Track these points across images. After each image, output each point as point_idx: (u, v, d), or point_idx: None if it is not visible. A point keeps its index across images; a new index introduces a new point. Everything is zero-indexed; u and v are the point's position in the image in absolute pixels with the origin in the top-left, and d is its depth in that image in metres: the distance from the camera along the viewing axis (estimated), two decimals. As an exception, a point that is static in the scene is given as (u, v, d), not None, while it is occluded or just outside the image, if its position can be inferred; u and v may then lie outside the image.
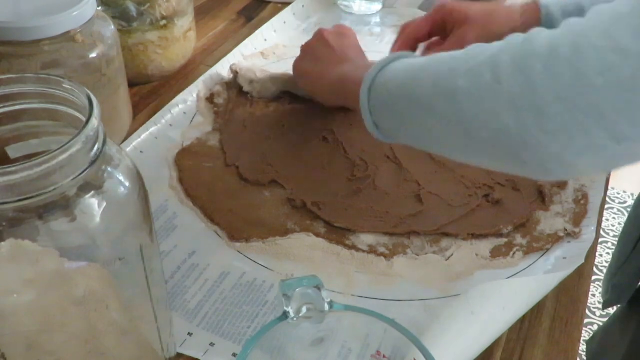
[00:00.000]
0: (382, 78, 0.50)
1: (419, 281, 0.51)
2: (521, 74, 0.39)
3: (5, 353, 0.33)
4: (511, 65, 0.39)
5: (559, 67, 0.37)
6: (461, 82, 0.42)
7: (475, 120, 0.42)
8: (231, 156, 0.63)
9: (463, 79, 0.42)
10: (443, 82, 0.44)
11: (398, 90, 0.48)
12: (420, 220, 0.56)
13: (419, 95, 0.46)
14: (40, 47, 0.52)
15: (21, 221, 0.29)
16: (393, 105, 0.49)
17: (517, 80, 0.39)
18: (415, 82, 0.47)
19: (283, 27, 0.86)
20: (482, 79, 0.41)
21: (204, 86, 0.72)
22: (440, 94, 0.44)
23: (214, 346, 0.45)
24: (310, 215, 0.57)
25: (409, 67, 0.48)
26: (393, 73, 0.50)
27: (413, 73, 0.47)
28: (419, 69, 0.47)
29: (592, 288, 1.63)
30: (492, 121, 0.41)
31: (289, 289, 0.35)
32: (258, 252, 0.53)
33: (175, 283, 0.50)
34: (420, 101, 0.46)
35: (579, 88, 0.36)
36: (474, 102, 0.42)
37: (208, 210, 0.56)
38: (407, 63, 0.49)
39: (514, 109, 0.39)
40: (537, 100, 0.38)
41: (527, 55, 0.39)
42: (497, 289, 0.46)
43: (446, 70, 0.44)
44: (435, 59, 0.47)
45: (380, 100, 0.50)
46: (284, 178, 0.60)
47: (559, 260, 0.53)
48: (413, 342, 0.34)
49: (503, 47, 0.41)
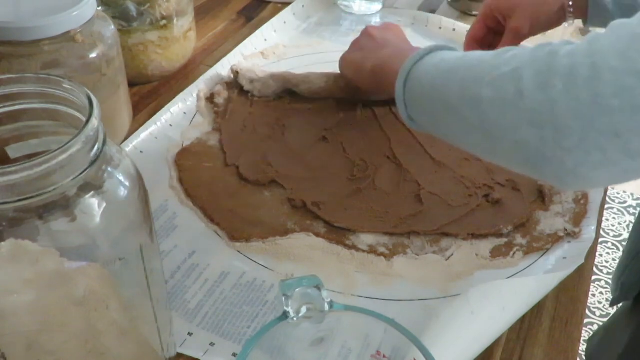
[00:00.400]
0: (416, 72, 0.52)
1: (419, 281, 0.51)
2: (542, 92, 0.40)
3: (5, 353, 0.33)
4: (533, 81, 0.41)
5: (577, 88, 0.39)
6: (485, 91, 0.44)
7: (497, 130, 0.44)
8: (231, 156, 0.63)
9: (487, 88, 0.44)
10: (469, 89, 0.45)
11: (430, 89, 0.50)
12: (420, 220, 0.56)
13: (448, 97, 0.48)
14: (40, 47, 0.52)
15: (21, 221, 0.29)
16: (425, 102, 0.51)
17: (538, 97, 0.40)
18: (444, 84, 0.48)
19: (283, 27, 0.86)
20: (506, 92, 0.42)
21: (204, 86, 0.72)
22: (466, 100, 0.46)
23: (214, 346, 0.45)
24: (310, 215, 0.57)
25: (442, 66, 0.50)
26: (427, 69, 0.51)
27: (444, 73, 0.49)
28: (449, 70, 0.48)
29: (592, 288, 1.63)
30: (512, 133, 0.42)
31: (289, 289, 0.35)
32: (258, 252, 0.53)
33: (175, 283, 0.50)
34: (449, 103, 0.47)
35: (596, 108, 0.38)
36: (497, 113, 0.43)
37: (208, 210, 0.56)
38: (440, 59, 0.51)
39: (534, 124, 0.41)
40: (556, 118, 0.40)
41: (549, 72, 0.40)
42: (497, 289, 0.46)
43: (472, 77, 0.45)
44: (466, 61, 0.48)
45: (414, 95, 0.52)
46: (284, 178, 0.60)
47: (559, 260, 0.53)
48: (413, 342, 0.34)
49: (528, 60, 0.42)
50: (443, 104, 0.48)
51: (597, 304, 1.59)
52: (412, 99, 0.52)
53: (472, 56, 0.48)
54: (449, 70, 0.48)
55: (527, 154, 0.43)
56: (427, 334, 0.43)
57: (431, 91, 0.50)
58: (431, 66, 0.51)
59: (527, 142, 0.42)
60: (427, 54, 0.52)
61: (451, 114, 0.48)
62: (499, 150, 0.45)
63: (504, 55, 0.45)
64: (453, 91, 0.47)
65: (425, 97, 0.51)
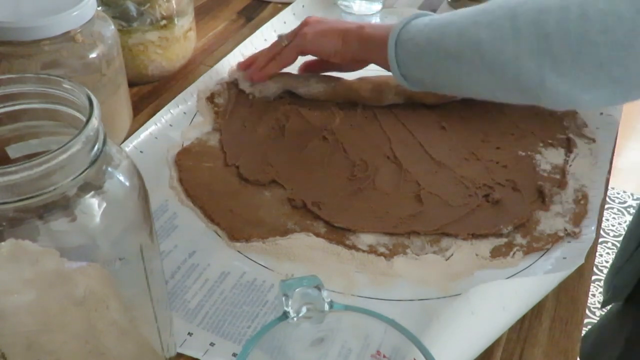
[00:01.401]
0: (406, 34, 0.57)
1: (419, 281, 0.51)
2: (536, 26, 0.48)
3: (5, 353, 0.33)
4: (528, 18, 0.48)
5: (568, 24, 0.47)
6: (484, 33, 0.51)
7: (498, 64, 0.51)
8: (231, 156, 0.63)
9: (485, 30, 0.50)
10: (467, 34, 0.52)
11: (426, 43, 0.56)
12: (420, 220, 0.56)
13: (447, 46, 0.54)
14: (40, 47, 0.52)
15: (21, 221, 0.29)
16: (421, 57, 0.56)
17: (533, 31, 0.48)
18: (442, 35, 0.54)
19: (283, 27, 0.86)
20: (503, 30, 0.50)
21: (204, 86, 0.72)
22: (465, 44, 0.52)
23: (214, 346, 0.45)
24: (311, 215, 0.57)
25: (435, 23, 0.56)
26: (418, 28, 0.57)
27: (440, 28, 0.55)
28: (445, 23, 0.55)
29: (592, 288, 1.63)
30: (513, 65, 0.50)
31: (289, 289, 0.35)
32: (258, 252, 0.53)
33: (175, 283, 0.50)
34: (449, 51, 0.54)
35: (584, 43, 0.47)
36: (497, 50, 0.50)
37: (208, 210, 0.56)
38: (430, 19, 0.57)
39: (532, 54, 0.49)
40: (551, 49, 0.48)
41: (542, 10, 0.48)
42: (497, 288, 0.46)
43: (470, 23, 0.52)
44: (459, 14, 0.54)
45: (408, 53, 0.57)
46: (284, 178, 0.60)
47: (559, 260, 0.53)
48: (413, 342, 0.34)
49: (520, 2, 0.49)
50: (442, 54, 0.54)
51: (597, 304, 1.59)
52: (406, 56, 0.57)
53: (463, 11, 0.54)
54: (443, 24, 0.55)
55: (526, 83, 0.50)
56: (427, 333, 0.43)
57: (427, 45, 0.55)
58: (422, 25, 0.56)
59: (529, 71, 0.49)
60: (413, 19, 0.58)
61: (450, 61, 0.54)
62: (501, 84, 0.52)
63: (493, 2, 0.52)
64: (451, 40, 0.53)
65: (421, 52, 0.56)
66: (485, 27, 0.51)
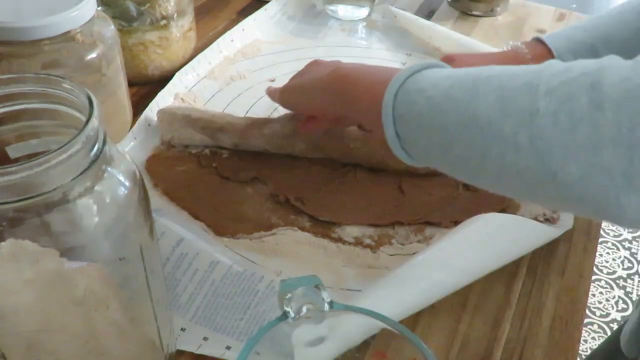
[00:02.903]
0: (416, 83, 0.42)
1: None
2: (630, 103, 0.33)
3: (5, 353, 0.33)
4: (618, 88, 0.33)
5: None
6: (543, 102, 0.34)
7: (558, 152, 0.34)
8: (205, 159, 0.62)
9: (545, 99, 0.35)
10: (515, 99, 0.36)
11: (444, 100, 0.40)
12: (403, 210, 0.57)
13: (476, 110, 0.38)
14: (40, 47, 0.52)
15: (21, 221, 0.29)
16: (432, 119, 0.41)
17: (625, 110, 0.33)
18: (468, 94, 0.39)
19: (241, 36, 0.81)
20: (577, 103, 0.34)
21: (163, 102, 0.67)
22: (509, 113, 0.36)
23: (207, 340, 0.45)
24: (294, 209, 0.57)
25: (459, 75, 0.41)
26: (433, 79, 0.42)
27: (466, 83, 0.39)
28: (475, 79, 0.39)
29: (592, 288, 1.63)
30: (589, 155, 0.33)
31: (289, 289, 0.35)
32: (245, 248, 0.53)
33: (166, 276, 0.50)
34: (478, 119, 0.37)
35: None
36: (565, 127, 0.34)
37: (192, 209, 0.56)
38: (450, 71, 0.43)
39: (618, 145, 0.33)
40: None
41: (634, 78, 0.33)
42: (484, 219, 0.49)
43: (520, 84, 0.36)
44: (497, 69, 0.39)
45: (411, 109, 0.42)
46: (265, 175, 0.60)
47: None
48: (413, 342, 0.34)
49: (604, 66, 0.35)
50: (466, 120, 0.38)
51: (597, 304, 1.59)
52: (407, 115, 0.42)
53: (504, 68, 0.39)
54: (474, 79, 0.39)
55: (601, 191, 0.33)
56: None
57: (446, 103, 0.40)
58: (440, 78, 0.41)
59: (610, 167, 0.32)
60: (425, 69, 0.44)
61: (479, 132, 0.37)
62: (559, 180, 0.35)
63: (555, 63, 0.36)
64: (485, 103, 0.37)
65: (434, 112, 0.40)
66: (546, 95, 0.35)
